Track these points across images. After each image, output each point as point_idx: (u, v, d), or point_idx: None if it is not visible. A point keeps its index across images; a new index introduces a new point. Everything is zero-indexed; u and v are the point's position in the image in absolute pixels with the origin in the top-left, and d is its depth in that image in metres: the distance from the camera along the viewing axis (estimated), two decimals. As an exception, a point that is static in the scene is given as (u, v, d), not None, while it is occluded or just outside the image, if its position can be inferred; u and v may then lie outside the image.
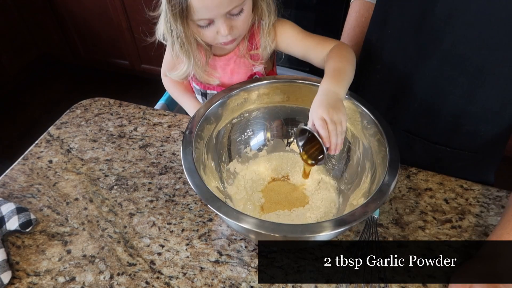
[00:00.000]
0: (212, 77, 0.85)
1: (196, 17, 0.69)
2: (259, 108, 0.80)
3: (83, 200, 0.77)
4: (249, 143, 0.82)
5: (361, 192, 0.69)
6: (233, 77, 0.85)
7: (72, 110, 0.97)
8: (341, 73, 0.69)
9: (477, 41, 0.66)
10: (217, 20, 0.70)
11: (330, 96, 0.64)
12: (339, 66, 0.71)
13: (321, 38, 0.79)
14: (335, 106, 0.62)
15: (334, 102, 0.63)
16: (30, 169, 0.83)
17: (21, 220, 0.70)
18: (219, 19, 0.70)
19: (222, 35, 0.72)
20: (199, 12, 0.68)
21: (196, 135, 0.68)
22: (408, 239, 0.70)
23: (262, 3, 0.76)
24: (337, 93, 0.65)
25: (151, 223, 0.73)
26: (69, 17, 2.22)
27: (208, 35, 0.73)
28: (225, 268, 0.66)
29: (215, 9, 0.68)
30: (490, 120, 0.76)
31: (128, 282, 0.65)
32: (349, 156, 0.77)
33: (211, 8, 0.67)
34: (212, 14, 0.69)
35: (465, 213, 0.74)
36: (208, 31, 0.72)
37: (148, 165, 0.84)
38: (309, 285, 0.64)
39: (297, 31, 0.81)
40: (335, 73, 0.69)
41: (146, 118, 0.94)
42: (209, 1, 0.66)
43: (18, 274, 0.66)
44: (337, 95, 0.65)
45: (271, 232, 0.54)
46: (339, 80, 0.68)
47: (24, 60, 2.39)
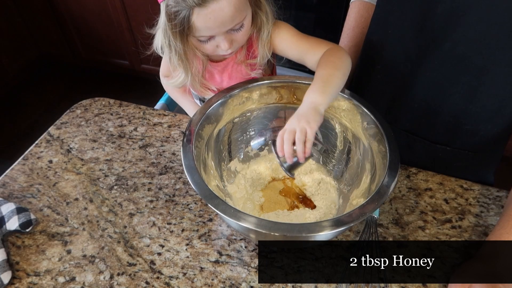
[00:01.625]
0: (208, 91, 0.85)
1: (198, 34, 0.70)
2: (260, 108, 0.80)
3: (83, 200, 0.77)
4: (250, 143, 0.82)
5: (361, 192, 0.69)
6: (231, 82, 0.85)
7: (72, 110, 0.97)
8: (327, 81, 0.67)
9: (478, 41, 0.66)
10: (218, 37, 0.71)
11: (307, 107, 0.63)
12: (326, 73, 0.69)
13: (315, 41, 0.78)
14: (306, 115, 0.61)
15: (307, 112, 0.62)
16: (30, 169, 0.83)
17: (21, 220, 0.70)
18: (220, 36, 0.71)
19: (222, 49, 0.73)
20: (201, 31, 0.69)
21: (197, 134, 0.68)
22: (408, 239, 0.70)
23: (261, 14, 0.76)
24: (316, 103, 0.63)
25: (151, 223, 0.73)
26: (69, 17, 2.21)
27: (208, 48, 0.74)
28: (225, 268, 0.66)
29: (217, 28, 0.68)
30: (490, 120, 0.76)
31: (128, 282, 0.65)
32: (349, 157, 0.77)
33: (213, 28, 0.68)
34: (213, 32, 0.69)
35: (465, 213, 0.74)
36: (208, 45, 0.73)
37: (148, 165, 0.84)
38: (309, 285, 0.64)
39: (292, 34, 0.80)
40: (320, 81, 0.67)
41: (146, 118, 0.94)
42: (212, 22, 0.66)
43: (18, 274, 0.66)
44: (315, 105, 0.63)
45: (269, 231, 0.54)
46: (323, 89, 0.66)
47: (24, 60, 2.39)
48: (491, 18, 0.63)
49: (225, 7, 0.65)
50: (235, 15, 0.68)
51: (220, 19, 0.66)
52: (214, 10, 0.65)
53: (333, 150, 0.79)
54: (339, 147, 0.78)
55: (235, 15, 0.68)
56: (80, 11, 2.16)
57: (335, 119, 0.77)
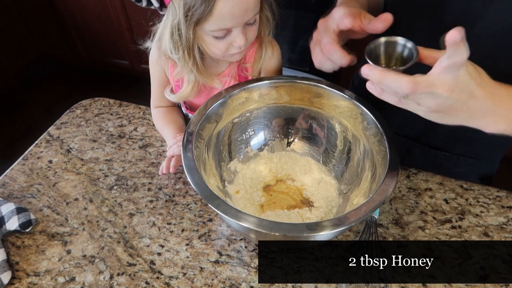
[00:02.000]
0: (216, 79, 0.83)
1: (217, 26, 0.67)
2: (260, 107, 0.80)
3: (83, 200, 0.77)
4: (250, 143, 0.82)
5: (361, 192, 0.69)
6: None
7: (72, 110, 0.97)
8: None
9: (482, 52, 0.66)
10: (235, 30, 0.69)
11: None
12: None
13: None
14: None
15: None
16: (30, 169, 0.83)
17: (21, 220, 0.70)
18: (238, 28, 0.69)
19: (236, 46, 0.71)
20: (224, 21, 0.66)
21: (197, 134, 0.68)
22: (408, 239, 0.70)
23: (267, 13, 0.75)
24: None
25: (151, 223, 0.73)
26: (69, 17, 2.22)
27: (221, 46, 0.71)
28: (225, 268, 0.66)
29: (240, 17, 0.66)
30: None
31: (128, 282, 0.65)
32: (349, 157, 0.77)
33: (237, 16, 0.66)
34: (235, 22, 0.67)
35: (465, 213, 0.74)
36: (223, 42, 0.70)
37: (148, 165, 0.84)
38: (309, 285, 0.64)
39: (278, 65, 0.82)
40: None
41: (146, 118, 0.94)
42: (237, 8, 0.65)
43: (18, 274, 0.66)
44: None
45: (270, 231, 0.54)
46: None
47: (24, 60, 2.40)
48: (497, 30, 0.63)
49: None
50: (257, 2, 0.67)
51: (245, 5, 0.65)
52: None
53: (333, 149, 0.79)
54: (339, 147, 0.78)
55: (257, 2, 0.67)
56: (80, 11, 2.16)
57: (335, 119, 0.77)
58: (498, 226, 0.72)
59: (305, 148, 0.83)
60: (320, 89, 0.75)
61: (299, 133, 0.83)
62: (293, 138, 0.83)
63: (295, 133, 0.83)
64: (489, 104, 0.51)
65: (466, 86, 0.49)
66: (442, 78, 0.48)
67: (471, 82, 0.49)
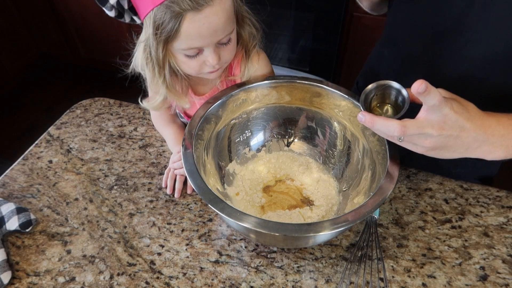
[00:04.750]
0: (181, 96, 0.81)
1: (186, 45, 0.67)
2: (258, 108, 0.80)
3: (83, 200, 0.77)
4: (248, 144, 0.82)
5: (361, 192, 0.69)
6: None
7: (72, 110, 0.97)
8: None
9: (480, 59, 0.66)
10: (207, 49, 0.68)
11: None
12: None
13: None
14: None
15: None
16: (30, 169, 0.83)
17: (21, 220, 0.70)
18: (209, 48, 0.68)
19: (209, 65, 0.70)
20: (192, 40, 0.66)
21: (196, 135, 0.68)
22: (408, 239, 0.70)
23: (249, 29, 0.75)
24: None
25: (151, 223, 0.73)
26: (69, 17, 2.21)
27: (194, 65, 0.71)
28: (225, 268, 0.66)
29: (209, 37, 0.66)
30: None
31: (128, 282, 0.65)
32: (349, 156, 0.77)
33: (205, 36, 0.65)
34: (204, 42, 0.67)
35: (465, 213, 0.74)
36: (195, 61, 0.70)
37: (148, 165, 0.84)
38: (309, 285, 0.64)
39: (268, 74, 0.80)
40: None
41: (146, 118, 0.94)
42: (205, 28, 0.64)
43: (18, 274, 0.66)
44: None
45: (270, 231, 0.54)
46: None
47: (24, 60, 2.39)
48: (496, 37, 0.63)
49: (219, 12, 0.64)
50: (227, 23, 0.66)
51: (213, 26, 0.64)
52: (208, 15, 0.63)
53: (332, 149, 0.79)
54: (339, 147, 0.78)
55: (226, 23, 0.66)
56: (80, 11, 2.16)
57: (334, 119, 0.77)
58: (498, 226, 0.72)
59: (305, 148, 0.83)
60: (320, 89, 0.75)
61: (299, 133, 0.83)
62: (293, 138, 0.83)
63: (295, 133, 0.83)
64: (481, 134, 0.54)
65: (454, 122, 0.52)
66: (428, 119, 0.52)
67: (459, 118, 0.52)
